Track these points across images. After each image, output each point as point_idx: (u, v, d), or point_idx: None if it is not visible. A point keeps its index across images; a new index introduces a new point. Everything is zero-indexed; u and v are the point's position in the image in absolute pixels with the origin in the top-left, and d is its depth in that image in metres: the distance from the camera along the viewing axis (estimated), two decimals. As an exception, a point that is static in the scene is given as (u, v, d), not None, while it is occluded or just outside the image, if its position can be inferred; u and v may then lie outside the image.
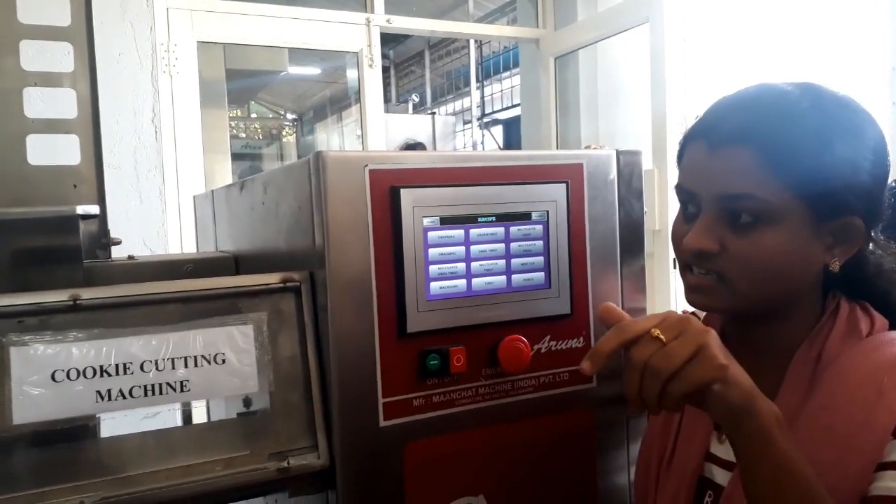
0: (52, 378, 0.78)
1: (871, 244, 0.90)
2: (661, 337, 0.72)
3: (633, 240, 1.06)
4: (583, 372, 0.77)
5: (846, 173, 0.82)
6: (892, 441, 0.76)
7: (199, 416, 1.21)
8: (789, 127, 0.82)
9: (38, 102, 1.19)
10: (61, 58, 1.21)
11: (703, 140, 0.86)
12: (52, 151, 1.20)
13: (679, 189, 0.91)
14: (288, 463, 0.86)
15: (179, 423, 1.13)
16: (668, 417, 0.97)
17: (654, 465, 0.97)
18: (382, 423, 0.90)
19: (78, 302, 0.80)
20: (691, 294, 0.90)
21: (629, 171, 1.05)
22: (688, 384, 0.71)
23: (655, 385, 0.72)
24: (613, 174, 1.04)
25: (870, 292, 0.91)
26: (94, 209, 0.98)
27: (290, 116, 11.20)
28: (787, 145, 0.81)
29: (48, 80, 1.19)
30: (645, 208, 1.08)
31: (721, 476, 0.90)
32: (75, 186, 1.18)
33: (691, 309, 1.06)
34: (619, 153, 1.05)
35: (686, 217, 0.90)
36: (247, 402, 0.94)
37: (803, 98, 0.84)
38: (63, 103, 1.20)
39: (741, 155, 0.82)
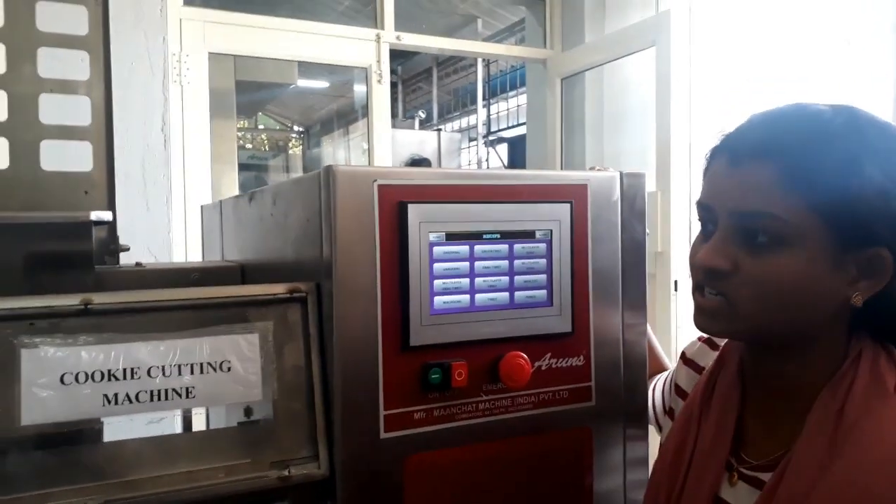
0: (61, 381, 0.79)
1: None
2: None
3: (634, 261, 1.07)
4: None
5: (877, 199, 0.76)
6: None
7: (198, 424, 1.22)
8: (816, 144, 0.77)
9: (53, 109, 1.20)
10: (77, 65, 1.23)
11: (726, 154, 0.83)
12: (64, 157, 1.21)
13: (699, 205, 0.87)
14: (289, 472, 0.87)
15: (179, 429, 1.14)
16: (679, 452, 0.93)
17: (662, 502, 0.93)
18: (383, 435, 0.91)
19: (89, 306, 0.82)
20: (698, 316, 0.86)
21: (633, 193, 1.07)
22: None
23: None
24: (617, 195, 1.06)
25: None
26: (107, 215, 1.00)
27: (296, 129, 11.25)
28: (812, 163, 0.77)
29: (64, 87, 1.21)
30: (647, 230, 1.09)
31: None
32: (86, 193, 1.20)
33: (706, 336, 1.05)
34: (622, 175, 1.06)
35: (705, 236, 0.86)
36: (247, 411, 0.95)
37: (836, 117, 0.79)
38: (77, 110, 1.22)
39: (762, 171, 0.78)
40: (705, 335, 1.04)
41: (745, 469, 0.87)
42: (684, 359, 1.08)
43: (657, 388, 1.16)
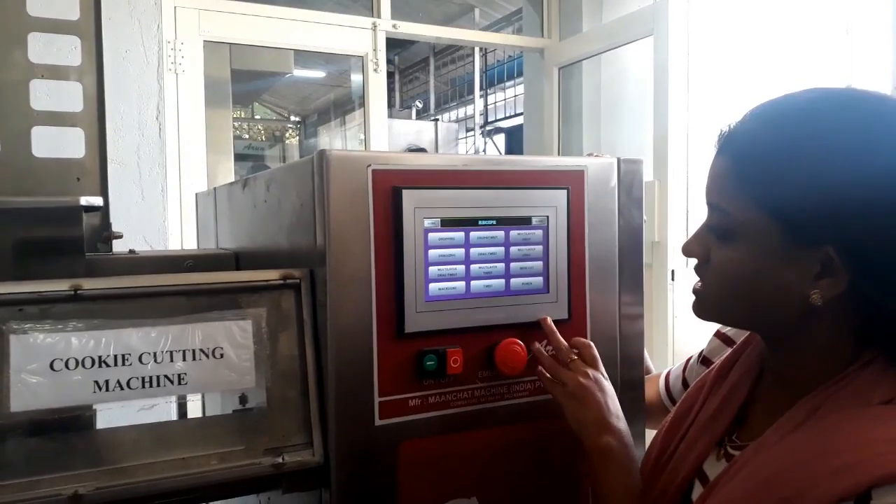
0: (51, 367, 0.78)
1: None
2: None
3: (632, 247, 1.07)
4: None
5: (824, 197, 0.73)
6: None
7: (194, 411, 1.21)
8: (767, 140, 0.78)
9: (44, 95, 1.19)
10: (69, 51, 1.21)
11: (715, 146, 0.85)
12: (56, 144, 1.20)
13: None
14: (283, 459, 0.87)
15: (175, 416, 1.14)
16: (681, 418, 0.96)
17: (651, 463, 0.95)
18: (378, 422, 0.90)
19: (79, 292, 0.81)
20: (693, 299, 0.89)
21: (630, 180, 1.06)
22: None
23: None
24: (614, 182, 1.05)
25: None
26: (98, 201, 0.99)
27: (293, 119, 11.22)
28: (759, 159, 0.77)
29: (55, 73, 1.20)
30: (644, 217, 1.09)
31: (696, 494, 0.87)
32: (78, 179, 1.19)
33: (726, 329, 1.06)
34: (620, 161, 1.05)
35: None
36: (242, 398, 0.95)
37: (803, 109, 0.79)
38: (69, 97, 1.21)
39: (721, 165, 0.82)
40: None
41: (730, 448, 0.88)
42: (719, 334, 1.09)
43: (672, 374, 1.18)
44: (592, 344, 0.99)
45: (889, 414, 0.74)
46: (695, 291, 0.88)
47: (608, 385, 0.97)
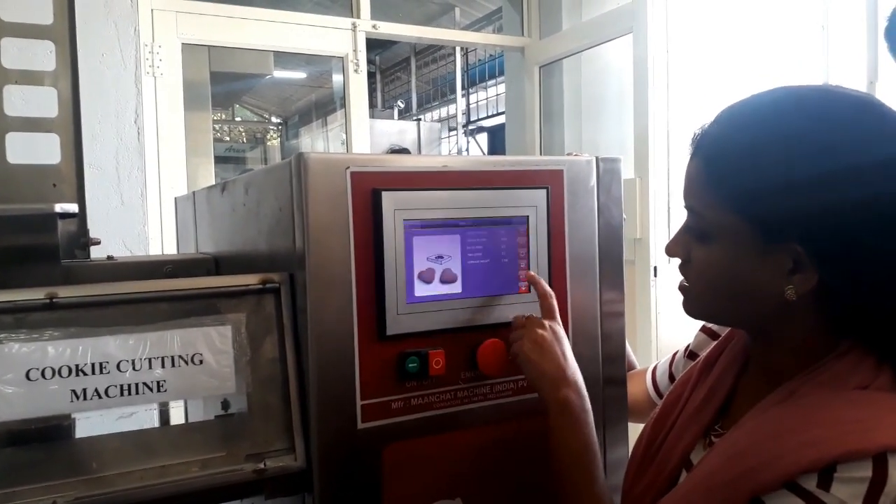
0: (27, 377, 0.77)
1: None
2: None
3: (612, 246, 1.07)
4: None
5: (788, 195, 0.75)
6: None
7: (176, 418, 1.20)
8: (732, 141, 0.79)
9: (18, 101, 1.17)
10: (43, 56, 1.20)
11: (689, 149, 0.86)
12: (31, 150, 1.18)
13: None
14: (264, 464, 0.86)
15: (156, 424, 1.13)
16: (669, 408, 0.97)
17: (640, 454, 0.96)
18: (360, 425, 0.90)
19: (54, 300, 0.80)
20: (682, 299, 0.91)
21: (609, 178, 1.06)
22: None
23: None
24: (593, 181, 1.05)
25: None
26: (73, 207, 0.97)
27: (274, 120, 11.17)
28: (726, 161, 0.79)
29: (29, 78, 1.18)
30: (624, 216, 1.09)
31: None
32: (55, 185, 1.17)
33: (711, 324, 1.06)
34: (598, 160, 1.06)
35: None
36: (225, 404, 0.94)
37: (767, 109, 0.80)
38: (44, 102, 1.19)
39: (694, 167, 0.83)
40: None
41: (714, 437, 0.89)
42: (704, 329, 1.10)
43: (658, 369, 1.19)
44: (552, 294, 0.98)
45: (862, 398, 0.76)
46: (682, 290, 0.89)
47: (564, 336, 0.96)
